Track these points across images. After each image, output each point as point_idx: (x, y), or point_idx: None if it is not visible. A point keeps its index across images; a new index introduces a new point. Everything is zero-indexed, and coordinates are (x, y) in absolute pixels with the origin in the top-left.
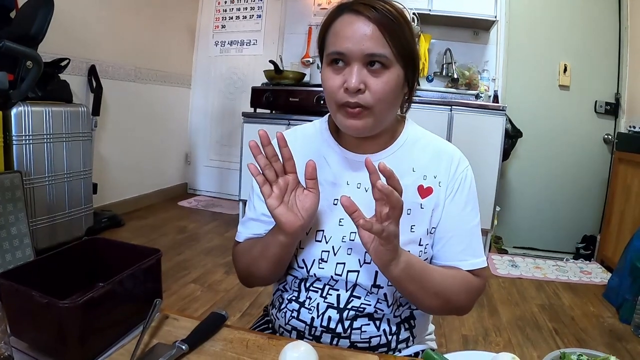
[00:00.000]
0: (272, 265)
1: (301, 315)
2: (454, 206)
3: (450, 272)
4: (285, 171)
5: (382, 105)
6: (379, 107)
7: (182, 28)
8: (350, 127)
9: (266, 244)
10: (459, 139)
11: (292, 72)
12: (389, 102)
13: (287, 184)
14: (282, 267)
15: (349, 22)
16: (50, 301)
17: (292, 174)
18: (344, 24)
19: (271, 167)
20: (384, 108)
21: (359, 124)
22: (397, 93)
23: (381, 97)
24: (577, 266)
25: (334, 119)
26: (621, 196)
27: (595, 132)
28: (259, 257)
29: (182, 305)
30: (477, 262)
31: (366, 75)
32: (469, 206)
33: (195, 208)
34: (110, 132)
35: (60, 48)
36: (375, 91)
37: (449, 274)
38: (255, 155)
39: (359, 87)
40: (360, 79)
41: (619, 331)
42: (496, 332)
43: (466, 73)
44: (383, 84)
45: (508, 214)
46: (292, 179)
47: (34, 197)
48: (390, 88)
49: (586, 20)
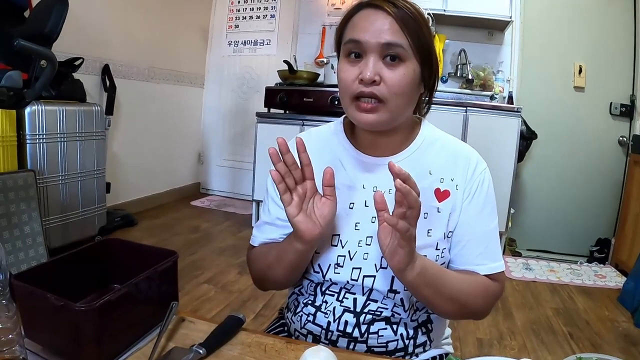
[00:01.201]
0: (287, 272)
1: (317, 319)
2: (471, 209)
3: (467, 276)
4: (303, 178)
5: (397, 99)
6: (393, 101)
7: (196, 28)
8: (363, 121)
9: (283, 251)
10: (474, 141)
11: (306, 72)
12: (404, 96)
13: (306, 191)
14: (298, 273)
15: (367, 15)
16: (66, 304)
17: (311, 180)
18: (362, 17)
19: (290, 175)
20: (399, 102)
21: (372, 117)
22: (412, 88)
23: (397, 91)
24: (591, 270)
25: (346, 113)
26: (636, 199)
27: (610, 134)
28: (275, 263)
29: (196, 305)
30: (495, 266)
31: (382, 68)
32: (486, 209)
33: (208, 208)
34: (124, 131)
35: (74, 47)
36: (391, 84)
37: (466, 278)
38: (275, 163)
39: (374, 79)
40: (376, 70)
41: (634, 336)
42: (511, 335)
43: (481, 74)
44: (399, 76)
45: (522, 216)
46: (310, 186)
47: (47, 196)
48: (406, 81)
49: (601, 21)
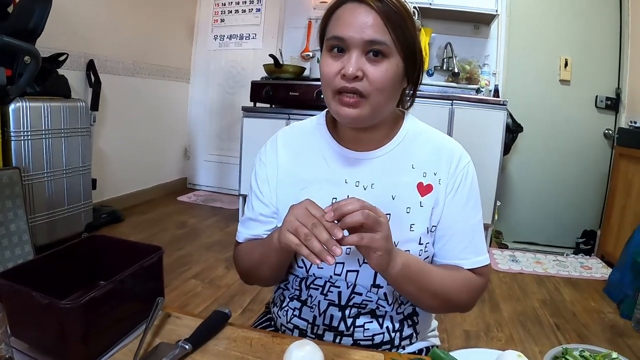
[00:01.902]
0: (272, 270)
1: (303, 314)
2: (455, 203)
3: (450, 271)
4: None
5: (379, 95)
6: (375, 97)
7: (181, 22)
8: (344, 116)
9: (266, 250)
10: (460, 134)
11: (292, 66)
12: (386, 92)
13: None
14: (282, 270)
15: (351, 10)
16: (52, 302)
17: None
18: (346, 11)
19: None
20: (381, 98)
21: (354, 112)
22: (395, 84)
23: (379, 86)
24: (577, 261)
25: (328, 107)
26: (622, 191)
27: (595, 127)
28: (259, 262)
29: (184, 301)
30: (480, 260)
31: (364, 63)
32: (470, 203)
33: (195, 203)
34: (109, 127)
35: (58, 42)
36: (373, 79)
37: (449, 273)
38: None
39: (357, 74)
40: (359, 65)
41: (620, 327)
42: (498, 327)
43: (467, 67)
44: (381, 72)
45: (508, 208)
46: None
47: (32, 193)
48: (388, 77)
49: (587, 14)
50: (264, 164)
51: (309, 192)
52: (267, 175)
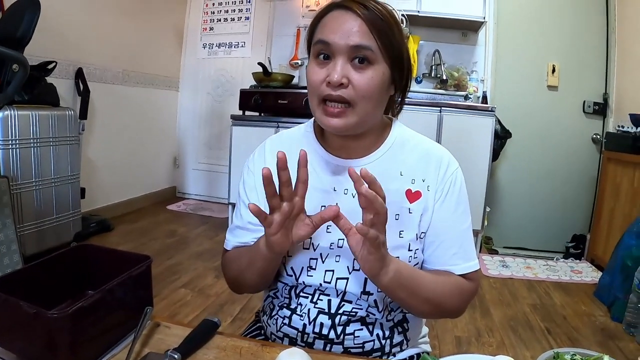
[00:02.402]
0: (259, 277)
1: (293, 322)
2: (444, 210)
3: (441, 277)
4: (295, 193)
5: (365, 102)
6: (361, 104)
7: (170, 30)
8: (330, 125)
9: (253, 256)
10: (449, 140)
11: (280, 74)
12: (372, 99)
13: (292, 209)
14: (269, 276)
15: (337, 16)
16: (39, 311)
17: (301, 198)
18: (332, 18)
19: (277, 197)
20: (367, 106)
21: (339, 122)
22: (381, 91)
23: (365, 94)
24: (567, 265)
25: (314, 115)
26: (610, 195)
27: (583, 131)
28: (246, 268)
29: (173, 310)
30: (470, 265)
31: (350, 70)
32: (459, 209)
33: (184, 212)
34: (98, 135)
35: (47, 51)
36: (358, 86)
37: (440, 279)
38: (266, 185)
39: (342, 81)
40: (344, 72)
41: (611, 330)
42: (489, 332)
43: (455, 74)
44: (367, 79)
45: (498, 214)
46: (298, 205)
47: (21, 202)
48: (374, 84)
49: (574, 21)
50: (252, 173)
51: None
52: (255, 184)
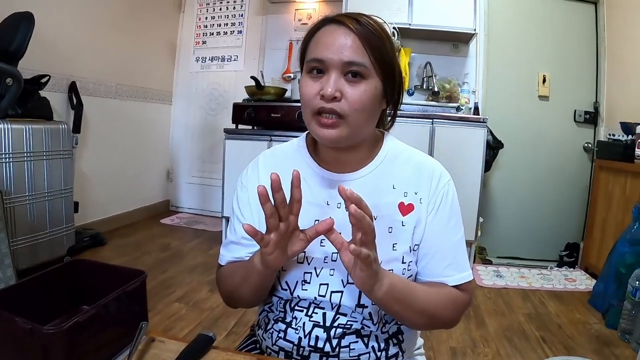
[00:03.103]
0: (254, 292)
1: (288, 336)
2: (437, 222)
3: (435, 289)
4: (290, 211)
5: (357, 115)
6: (354, 117)
7: (163, 44)
8: (323, 137)
9: (247, 272)
10: (441, 152)
11: (273, 87)
12: (365, 112)
13: (288, 228)
14: (264, 291)
15: (330, 32)
16: (34, 327)
17: (295, 216)
18: (325, 33)
19: (276, 215)
20: (360, 119)
21: (333, 133)
22: (373, 105)
23: (357, 107)
24: (561, 274)
25: (308, 128)
26: (603, 203)
27: (575, 140)
28: (241, 283)
29: (168, 324)
30: (463, 276)
31: (343, 84)
32: (452, 221)
33: (178, 225)
34: (91, 149)
35: (41, 64)
36: (351, 100)
37: (434, 291)
38: (263, 204)
39: (335, 95)
40: (337, 86)
41: (606, 337)
42: (484, 343)
43: (447, 86)
44: (360, 93)
45: (491, 224)
46: (293, 223)
47: (14, 216)
48: (367, 98)
49: (564, 31)
50: (245, 187)
51: None
52: (248, 198)
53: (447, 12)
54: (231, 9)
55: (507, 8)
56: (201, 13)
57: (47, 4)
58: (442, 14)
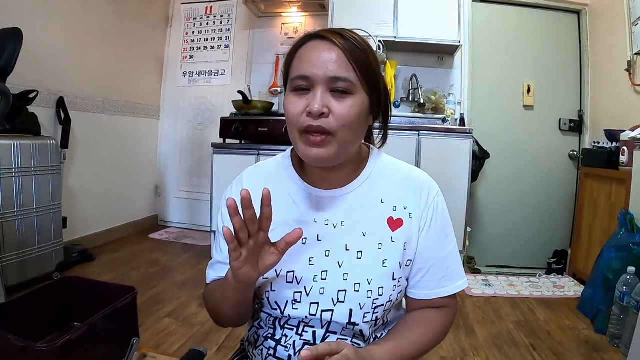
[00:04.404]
0: (234, 309)
1: (278, 353)
2: (430, 237)
3: (421, 330)
4: (259, 227)
5: (345, 131)
6: (342, 133)
7: (151, 59)
8: (312, 157)
9: (224, 289)
10: (428, 163)
11: (260, 102)
12: (352, 128)
13: (257, 243)
14: (245, 309)
15: (314, 47)
16: (27, 345)
17: (265, 232)
18: (309, 49)
19: (245, 230)
20: (347, 135)
21: (322, 152)
22: (360, 120)
23: (345, 122)
24: (550, 281)
25: (295, 147)
26: (589, 210)
27: (560, 149)
28: (221, 301)
29: (158, 340)
30: (458, 285)
31: (330, 100)
32: (444, 233)
33: (166, 240)
34: (80, 164)
35: (28, 80)
36: (339, 116)
37: (421, 332)
38: (232, 217)
39: (323, 111)
40: (324, 102)
41: (595, 342)
42: (474, 351)
43: (432, 98)
44: (347, 108)
45: (479, 234)
46: (262, 238)
47: (2, 232)
48: (354, 113)
49: (547, 41)
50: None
51: (278, 233)
52: None
53: (432, 25)
54: (218, 24)
55: (491, 19)
56: (188, 28)
57: (35, 19)
58: (427, 26)
